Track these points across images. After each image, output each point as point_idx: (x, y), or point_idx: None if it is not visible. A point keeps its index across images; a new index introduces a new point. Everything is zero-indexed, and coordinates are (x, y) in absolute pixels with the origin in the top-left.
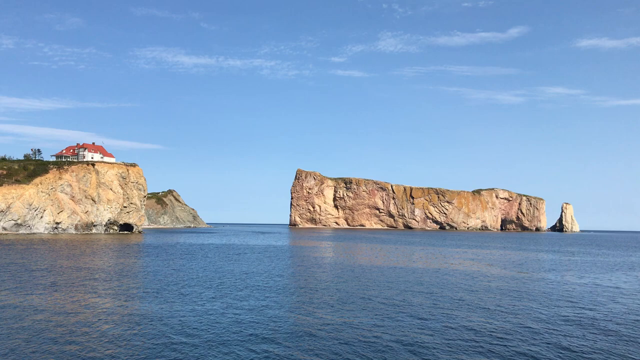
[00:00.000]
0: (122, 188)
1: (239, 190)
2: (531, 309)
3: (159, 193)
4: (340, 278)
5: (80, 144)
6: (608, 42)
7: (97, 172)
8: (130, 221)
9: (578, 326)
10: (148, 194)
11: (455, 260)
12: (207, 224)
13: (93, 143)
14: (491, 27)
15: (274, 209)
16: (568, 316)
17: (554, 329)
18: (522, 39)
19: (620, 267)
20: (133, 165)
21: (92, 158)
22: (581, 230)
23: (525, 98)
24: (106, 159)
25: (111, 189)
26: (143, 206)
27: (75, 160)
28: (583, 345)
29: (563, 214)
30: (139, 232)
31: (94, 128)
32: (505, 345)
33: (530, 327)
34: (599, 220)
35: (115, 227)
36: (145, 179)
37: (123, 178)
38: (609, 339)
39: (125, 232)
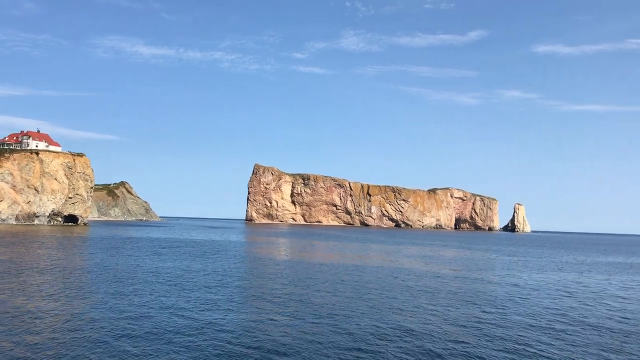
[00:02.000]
0: (68, 178)
1: (195, 184)
2: (446, 308)
3: (110, 185)
4: (284, 277)
5: (25, 132)
6: (563, 49)
7: (42, 161)
8: (76, 212)
9: (456, 326)
10: (100, 185)
11: (392, 258)
12: (161, 217)
13: (38, 131)
14: (452, 30)
15: (231, 204)
16: (461, 315)
17: (438, 328)
18: (481, 43)
19: (549, 268)
20: (80, 155)
21: (36, 146)
22: (532, 231)
23: (483, 100)
24: (52, 147)
25: (56, 179)
26: (90, 197)
27: (19, 148)
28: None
29: (515, 214)
30: (85, 224)
31: (47, 117)
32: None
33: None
34: (550, 222)
35: (60, 219)
36: (92, 170)
37: (69, 168)
38: (477, 340)
39: (70, 223)
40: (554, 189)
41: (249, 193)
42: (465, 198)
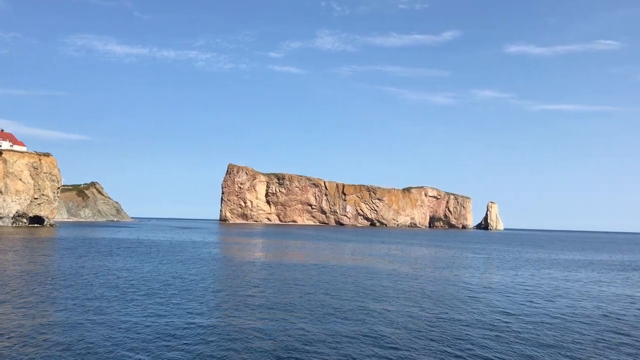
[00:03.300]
0: (33, 178)
1: (168, 184)
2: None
3: (80, 185)
4: (242, 278)
5: None
6: (535, 49)
7: (5, 161)
8: (42, 214)
9: (389, 326)
10: (69, 185)
11: (356, 256)
12: (133, 218)
13: (2, 130)
14: (426, 30)
15: (205, 204)
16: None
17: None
18: (455, 43)
19: (508, 265)
20: (46, 154)
21: None
22: (505, 229)
23: (457, 100)
24: (16, 147)
25: (20, 179)
26: (57, 198)
27: None
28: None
29: (488, 212)
30: (51, 225)
31: (16, 116)
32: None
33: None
34: (522, 219)
35: (25, 220)
36: (59, 170)
37: (34, 168)
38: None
39: (36, 225)
40: (526, 188)
41: (223, 193)
42: (439, 197)
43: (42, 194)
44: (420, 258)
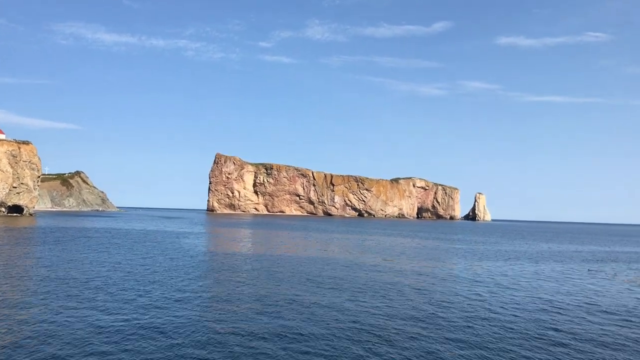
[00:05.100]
0: (12, 167)
1: (156, 173)
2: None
3: (65, 174)
4: (221, 271)
5: None
6: (525, 41)
7: None
8: (21, 203)
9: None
10: (53, 174)
11: (328, 248)
12: (118, 207)
13: None
14: (416, 21)
15: (192, 194)
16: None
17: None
18: (445, 34)
19: (485, 256)
20: (26, 143)
21: None
22: (492, 220)
23: (447, 91)
24: None
25: None
26: (37, 187)
27: None
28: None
29: (476, 203)
30: (30, 214)
31: (2, 104)
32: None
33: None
34: (510, 210)
35: (3, 209)
36: (39, 158)
37: (13, 156)
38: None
39: (15, 214)
40: (514, 179)
41: (210, 183)
42: (427, 187)
43: (22, 183)
44: (389, 249)
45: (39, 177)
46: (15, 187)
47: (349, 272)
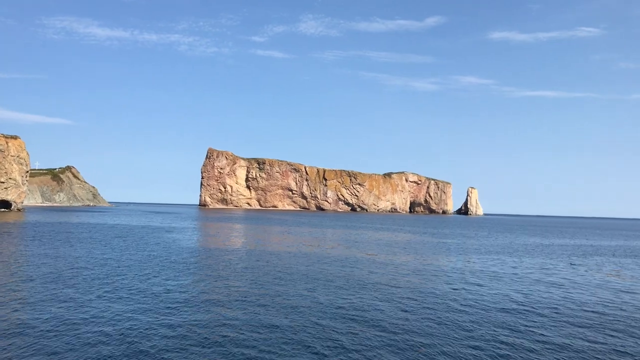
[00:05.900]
0: (0, 162)
1: (148, 168)
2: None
3: (55, 169)
4: (218, 267)
5: None
6: (518, 36)
7: None
8: (8, 198)
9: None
10: (44, 169)
11: (315, 243)
12: (110, 202)
13: None
14: (409, 16)
15: (185, 189)
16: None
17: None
18: (438, 29)
19: (468, 250)
20: (14, 137)
21: None
22: (485, 214)
23: (440, 86)
24: None
25: None
26: (25, 182)
27: None
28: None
29: (468, 197)
30: (19, 209)
31: None
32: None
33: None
34: (502, 205)
35: None
36: (28, 153)
37: (1, 151)
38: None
39: (3, 209)
40: (507, 173)
41: (202, 178)
42: (420, 182)
43: (9, 178)
44: (373, 243)
45: (27, 172)
46: (3, 182)
47: (325, 266)
